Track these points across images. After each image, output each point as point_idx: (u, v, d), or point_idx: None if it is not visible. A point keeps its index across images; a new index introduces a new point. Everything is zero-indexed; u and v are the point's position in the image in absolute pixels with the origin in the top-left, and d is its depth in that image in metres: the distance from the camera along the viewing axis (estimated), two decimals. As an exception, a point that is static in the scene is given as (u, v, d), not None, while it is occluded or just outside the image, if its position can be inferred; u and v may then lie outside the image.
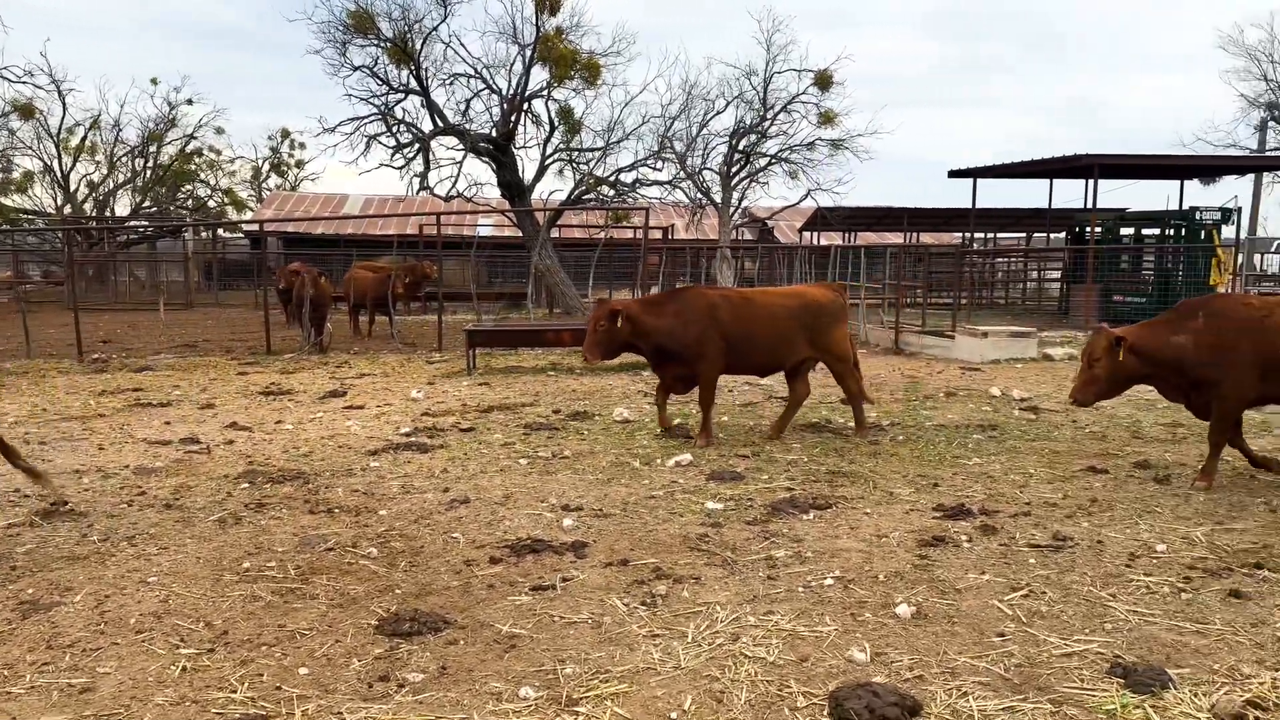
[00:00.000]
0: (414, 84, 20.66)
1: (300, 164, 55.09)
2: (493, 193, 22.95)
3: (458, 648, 4.18)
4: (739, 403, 10.82)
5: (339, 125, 20.97)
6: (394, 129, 21.25)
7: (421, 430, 9.12)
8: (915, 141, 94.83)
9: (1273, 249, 27.82)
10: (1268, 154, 28.57)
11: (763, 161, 25.63)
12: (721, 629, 4.33)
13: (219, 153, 46.68)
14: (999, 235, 35.99)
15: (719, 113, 24.94)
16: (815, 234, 33.24)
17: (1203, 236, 21.44)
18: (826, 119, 24.67)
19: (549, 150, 21.95)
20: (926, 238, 36.30)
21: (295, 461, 7.85)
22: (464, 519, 6.13)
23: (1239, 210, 22.16)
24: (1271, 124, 28.93)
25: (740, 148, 25.11)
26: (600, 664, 3.99)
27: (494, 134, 20.90)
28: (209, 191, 46.72)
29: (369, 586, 4.93)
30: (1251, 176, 28.98)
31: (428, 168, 21.15)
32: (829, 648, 4.13)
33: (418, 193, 22.10)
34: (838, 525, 5.94)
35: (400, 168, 21.42)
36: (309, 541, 5.65)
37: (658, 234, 30.50)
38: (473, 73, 21.00)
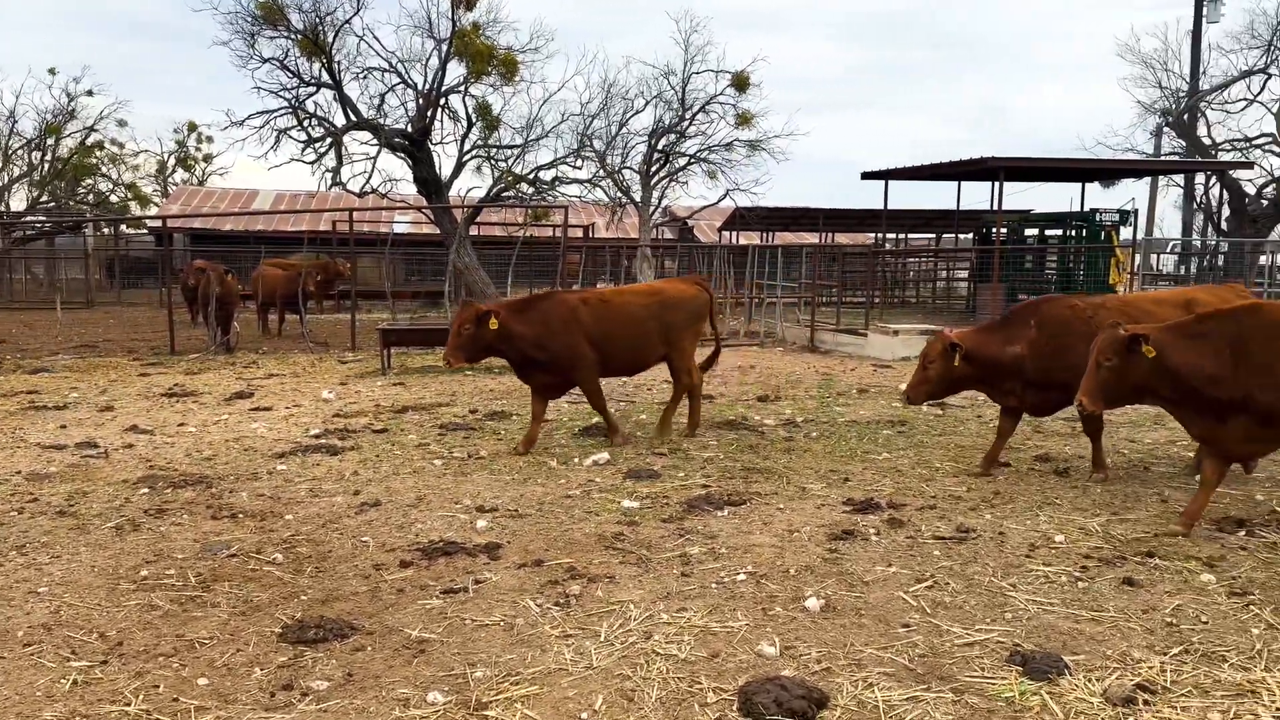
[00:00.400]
0: (326, 77, 20.20)
1: (208, 158, 53.42)
2: (408, 189, 22.60)
3: (365, 654, 4.09)
4: (658, 400, 10.86)
5: (248, 118, 20.38)
6: (305, 123, 20.75)
7: (332, 432, 8.92)
8: (830, 144, 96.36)
9: (1168, 249, 29.05)
10: (1163, 158, 29.77)
11: (682, 161, 25.78)
12: (634, 627, 4.33)
13: (121, 146, 45.05)
14: (910, 236, 36.84)
15: (638, 112, 25.00)
16: (734, 234, 33.57)
17: (1102, 237, 22.30)
18: (743, 120, 24.93)
19: (466, 147, 21.68)
20: (841, 238, 36.92)
21: (198, 465, 7.60)
22: (374, 522, 6.01)
23: (1136, 212, 23.10)
24: (1166, 129, 30.17)
25: (659, 147, 25.21)
26: (511, 666, 3.95)
27: (409, 129, 20.56)
28: (111, 186, 45.02)
29: (273, 593, 4.80)
30: (1148, 179, 30.20)
31: (340, 163, 20.70)
32: (740, 643, 4.16)
33: (330, 188, 21.62)
34: (751, 521, 6.00)
35: (312, 163, 20.91)
36: (211, 548, 5.48)
37: (578, 232, 30.42)
38: (387, 67, 20.63)
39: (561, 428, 9.16)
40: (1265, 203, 27.79)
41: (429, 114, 20.59)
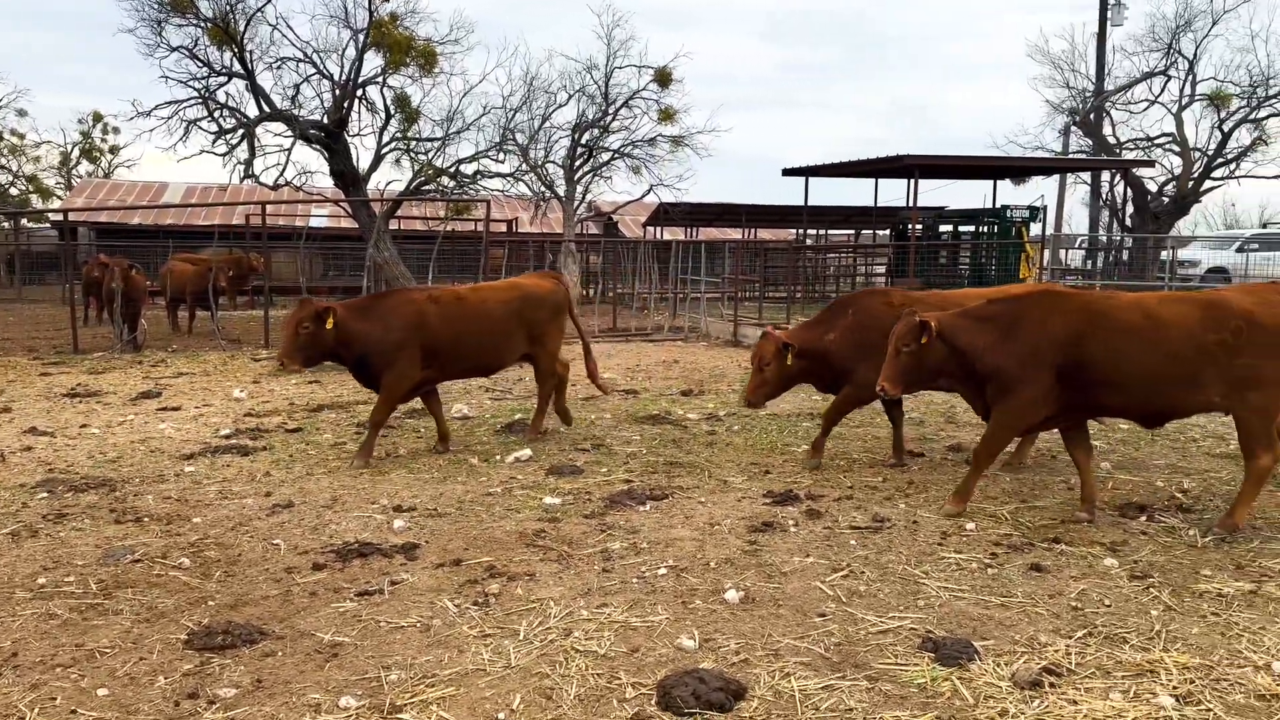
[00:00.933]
0: (237, 67, 19.58)
1: (114, 150, 51.57)
2: (325, 182, 22.07)
3: (275, 659, 3.98)
4: (581, 397, 10.81)
5: (155, 109, 19.66)
6: (216, 114, 20.10)
7: (243, 432, 8.68)
8: (753, 140, 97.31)
9: (1076, 245, 29.99)
10: (1071, 156, 30.72)
11: (605, 156, 25.76)
12: (554, 625, 4.30)
13: (22, 136, 43.40)
14: (830, 232, 37.41)
15: (561, 106, 24.88)
16: (659, 229, 33.67)
17: (1013, 233, 22.97)
18: (666, 115, 25.02)
19: (385, 139, 21.25)
20: (764, 233, 37.34)
21: (101, 468, 7.32)
22: (286, 524, 5.86)
23: (1045, 208, 23.85)
24: (1073, 128, 31.12)
25: (583, 141, 25.14)
26: (427, 668, 3.89)
27: (325, 121, 20.08)
28: (10, 178, 43.19)
29: (179, 599, 4.64)
30: (1057, 177, 31.17)
31: (253, 155, 20.07)
32: (660, 637, 4.16)
33: (242, 181, 21.00)
34: (673, 515, 6.02)
35: (223, 155, 20.26)
36: (114, 553, 5.27)
37: (501, 227, 30.15)
38: (302, 57, 20.06)
39: (483, 425, 9.07)
40: (1166, 200, 28.90)
41: (345, 105, 20.12)
